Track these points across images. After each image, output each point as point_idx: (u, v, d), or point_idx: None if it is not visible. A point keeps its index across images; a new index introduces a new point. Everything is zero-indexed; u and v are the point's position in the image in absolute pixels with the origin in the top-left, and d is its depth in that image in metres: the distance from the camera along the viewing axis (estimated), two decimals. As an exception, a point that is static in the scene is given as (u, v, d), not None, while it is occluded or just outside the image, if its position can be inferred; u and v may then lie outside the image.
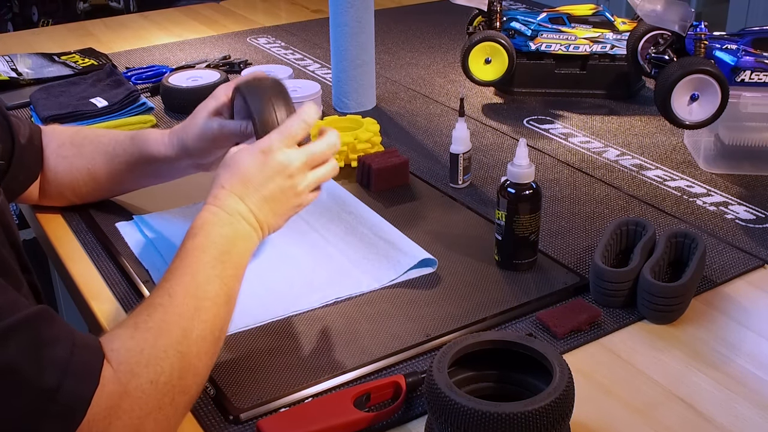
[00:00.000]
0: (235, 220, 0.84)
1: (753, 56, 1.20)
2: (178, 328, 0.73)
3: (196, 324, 0.75)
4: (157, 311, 0.74)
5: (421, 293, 0.98)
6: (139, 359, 0.70)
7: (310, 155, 0.88)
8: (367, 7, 1.49)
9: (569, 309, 0.94)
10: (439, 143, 1.40)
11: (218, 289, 0.79)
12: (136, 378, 0.69)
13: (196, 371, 0.74)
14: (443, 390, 0.67)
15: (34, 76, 1.70)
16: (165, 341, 0.72)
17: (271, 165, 0.86)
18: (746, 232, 1.12)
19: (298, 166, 0.87)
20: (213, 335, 0.77)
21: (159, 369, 0.70)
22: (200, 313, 0.76)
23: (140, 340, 0.71)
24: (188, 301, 0.76)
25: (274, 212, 0.87)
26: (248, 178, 0.85)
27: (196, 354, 0.74)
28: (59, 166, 1.12)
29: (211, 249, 0.81)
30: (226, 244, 0.82)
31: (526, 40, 1.55)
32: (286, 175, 0.86)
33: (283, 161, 0.86)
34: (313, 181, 0.89)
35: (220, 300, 0.78)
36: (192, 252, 0.80)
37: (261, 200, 0.86)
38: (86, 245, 1.10)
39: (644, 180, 1.27)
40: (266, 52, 1.91)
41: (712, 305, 0.97)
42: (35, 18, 3.34)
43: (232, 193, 0.85)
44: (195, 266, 0.79)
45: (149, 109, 1.49)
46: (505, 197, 0.99)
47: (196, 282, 0.78)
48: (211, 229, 0.82)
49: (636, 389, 0.83)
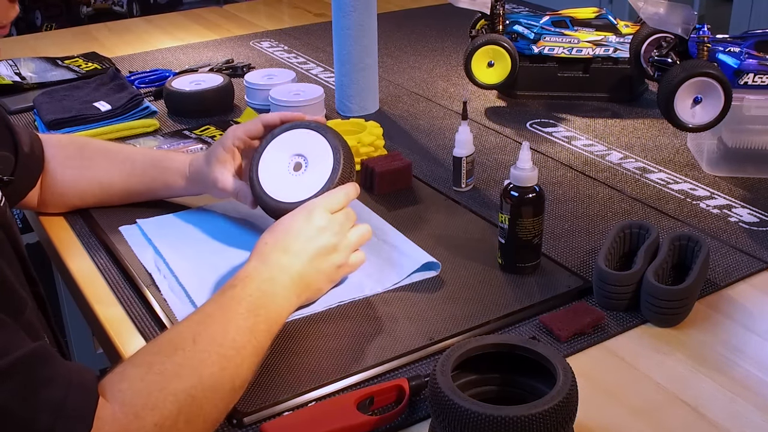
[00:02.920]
0: (276, 275, 0.86)
1: (756, 59, 1.20)
2: (195, 373, 0.72)
3: (217, 372, 0.74)
4: (177, 355, 0.73)
5: (424, 297, 0.98)
6: (146, 402, 0.69)
7: (349, 215, 0.94)
8: (370, 11, 1.49)
9: (572, 312, 0.94)
10: (442, 146, 1.40)
11: (246, 342, 0.78)
12: (140, 421, 0.68)
13: (207, 417, 0.73)
14: (446, 393, 0.67)
15: (38, 80, 1.70)
16: (177, 386, 0.71)
17: (315, 222, 0.91)
18: (750, 235, 1.12)
19: (341, 223, 0.93)
20: (232, 384, 0.76)
21: (166, 413, 0.69)
22: (223, 361, 0.75)
23: (150, 383, 0.70)
24: (213, 348, 0.75)
25: (317, 269, 0.90)
26: (292, 233, 0.90)
27: (210, 400, 0.73)
28: (66, 176, 1.12)
29: (246, 301, 0.81)
30: (263, 297, 0.83)
31: (528, 44, 1.55)
32: (331, 232, 0.91)
33: (326, 219, 0.92)
34: (355, 240, 0.94)
35: (246, 352, 0.78)
36: (227, 301, 0.81)
37: (305, 254, 0.89)
38: (89, 249, 1.10)
39: (647, 183, 1.27)
40: (269, 56, 1.92)
41: (716, 308, 0.97)
42: (39, 22, 3.34)
43: (276, 248, 0.88)
44: (228, 315, 0.79)
45: (152, 113, 1.49)
46: (508, 200, 0.99)
47: (225, 331, 0.77)
48: (250, 283, 0.84)
49: (639, 392, 0.83)
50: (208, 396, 0.73)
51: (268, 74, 1.60)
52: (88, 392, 0.67)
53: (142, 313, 0.96)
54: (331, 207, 0.93)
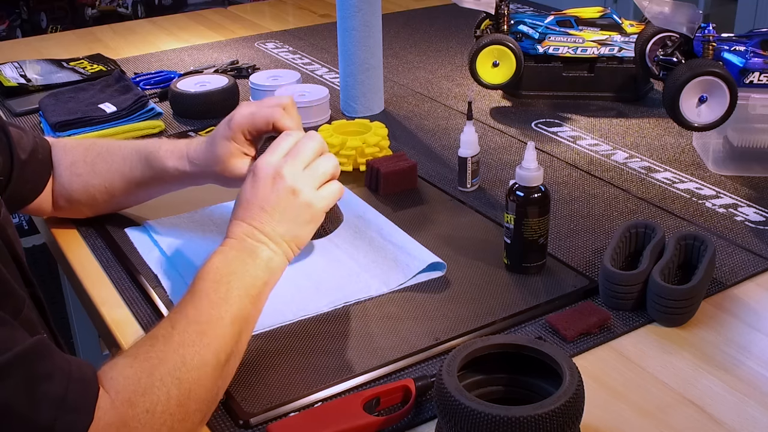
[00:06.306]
0: (240, 242, 0.84)
1: (761, 57, 1.20)
2: (177, 355, 0.73)
3: (198, 349, 0.75)
4: (159, 341, 0.75)
5: (430, 297, 0.98)
6: (136, 388, 0.70)
7: (300, 158, 0.88)
8: (375, 12, 1.49)
9: (579, 312, 0.93)
10: (447, 147, 1.40)
11: (223, 312, 0.78)
12: (133, 407, 0.69)
13: (198, 398, 0.74)
14: (453, 394, 0.67)
15: (43, 82, 1.71)
16: (162, 369, 0.72)
17: (264, 181, 0.86)
18: (756, 234, 1.11)
19: (294, 173, 0.87)
20: (217, 358, 0.76)
21: (155, 398, 0.70)
22: (202, 338, 0.76)
23: (138, 369, 0.71)
24: (190, 327, 0.76)
25: (292, 221, 0.86)
26: (248, 198, 0.87)
27: (196, 380, 0.73)
28: (74, 184, 1.10)
29: (211, 273, 0.81)
30: (230, 265, 0.82)
31: (533, 43, 1.55)
32: (286, 181, 0.86)
33: (280, 175, 0.86)
34: (317, 179, 0.88)
35: (225, 322, 0.78)
36: (195, 282, 0.81)
37: (272, 213, 0.86)
38: (96, 251, 1.10)
39: (653, 182, 1.27)
40: (274, 57, 1.92)
41: (722, 308, 0.96)
42: (44, 24, 3.35)
43: (236, 219, 0.86)
44: (198, 294, 0.79)
45: (158, 114, 1.49)
46: (513, 200, 0.99)
47: (199, 308, 0.78)
48: (213, 257, 0.83)
49: (646, 392, 0.83)
50: (194, 376, 0.73)
51: (273, 75, 1.60)
52: (88, 384, 0.68)
53: (148, 314, 0.96)
54: (280, 153, 0.88)
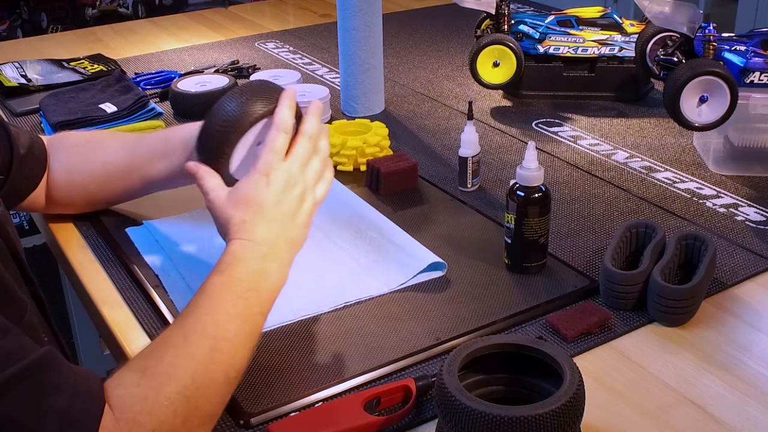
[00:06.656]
0: (264, 252, 0.82)
1: (762, 57, 1.20)
2: (187, 372, 0.72)
3: (209, 366, 0.73)
4: (168, 353, 0.73)
5: (430, 297, 0.98)
6: (143, 407, 0.69)
7: (300, 157, 0.87)
8: (375, 11, 1.49)
9: (579, 312, 0.93)
10: (447, 146, 1.41)
11: (238, 329, 0.76)
12: (138, 427, 0.68)
13: (203, 413, 0.73)
14: (453, 393, 0.67)
15: (44, 82, 1.71)
16: (171, 388, 0.70)
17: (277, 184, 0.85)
18: (756, 234, 1.11)
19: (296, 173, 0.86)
20: (227, 376, 0.75)
21: (162, 417, 0.69)
22: (215, 354, 0.74)
23: (145, 388, 0.70)
24: (204, 342, 0.74)
25: (297, 224, 0.86)
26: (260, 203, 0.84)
27: (205, 396, 0.72)
28: (71, 163, 1.09)
29: (235, 286, 0.79)
30: (253, 280, 0.80)
31: (534, 43, 1.55)
32: (291, 185, 0.86)
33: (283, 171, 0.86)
34: (313, 177, 0.88)
35: (239, 340, 0.76)
36: (215, 289, 0.78)
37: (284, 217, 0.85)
38: (96, 250, 1.10)
39: (653, 182, 1.27)
40: (274, 57, 1.92)
41: (723, 307, 0.96)
42: (44, 24, 3.35)
43: (255, 223, 0.83)
44: (216, 305, 0.77)
45: (158, 114, 1.49)
46: (514, 200, 0.99)
47: (215, 321, 0.76)
48: (237, 265, 0.80)
49: (647, 392, 0.83)
50: (202, 393, 0.72)
51: (274, 75, 1.60)
52: (93, 400, 0.67)
53: (148, 314, 0.96)
54: (278, 152, 0.86)
